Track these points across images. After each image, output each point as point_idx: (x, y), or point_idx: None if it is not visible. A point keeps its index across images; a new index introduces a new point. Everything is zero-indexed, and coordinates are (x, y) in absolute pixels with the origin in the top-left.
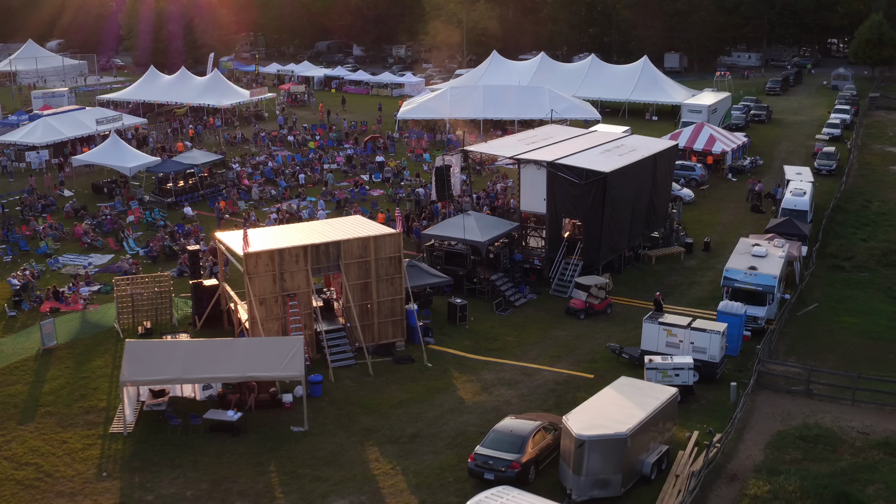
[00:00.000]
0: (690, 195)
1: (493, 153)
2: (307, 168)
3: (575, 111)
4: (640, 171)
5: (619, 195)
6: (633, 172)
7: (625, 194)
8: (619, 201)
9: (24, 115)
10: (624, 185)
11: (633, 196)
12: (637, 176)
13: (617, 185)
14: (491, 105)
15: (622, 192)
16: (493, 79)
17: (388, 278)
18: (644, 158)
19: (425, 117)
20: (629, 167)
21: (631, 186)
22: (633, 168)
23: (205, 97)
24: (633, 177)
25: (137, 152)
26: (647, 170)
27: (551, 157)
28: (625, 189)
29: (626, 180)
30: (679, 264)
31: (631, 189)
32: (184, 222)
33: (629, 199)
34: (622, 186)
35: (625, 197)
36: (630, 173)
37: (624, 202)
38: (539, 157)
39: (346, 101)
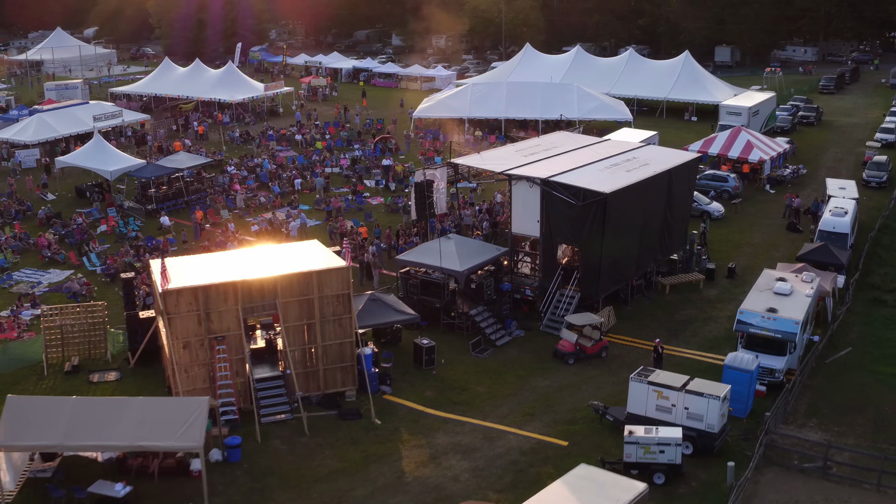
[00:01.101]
0: (720, 210)
1: (482, 167)
2: (308, 171)
3: (604, 111)
4: (652, 189)
5: (624, 218)
6: (643, 191)
7: (631, 217)
8: (623, 225)
9: (25, 109)
10: (630, 206)
11: (643, 218)
12: (648, 194)
13: (620, 206)
14: (514, 103)
15: (627, 214)
16: (524, 74)
17: (336, 319)
18: (657, 174)
19: (443, 116)
20: (637, 185)
21: (639, 207)
22: (643, 186)
23: (217, 91)
24: (643, 196)
25: (122, 154)
26: (660, 187)
27: (547, 172)
28: (631, 211)
29: (632, 200)
30: (697, 294)
31: (639, 210)
32: (160, 233)
33: (637, 221)
34: (627, 208)
35: (631, 220)
36: (638, 192)
37: (630, 226)
38: (533, 172)
39: (370, 96)
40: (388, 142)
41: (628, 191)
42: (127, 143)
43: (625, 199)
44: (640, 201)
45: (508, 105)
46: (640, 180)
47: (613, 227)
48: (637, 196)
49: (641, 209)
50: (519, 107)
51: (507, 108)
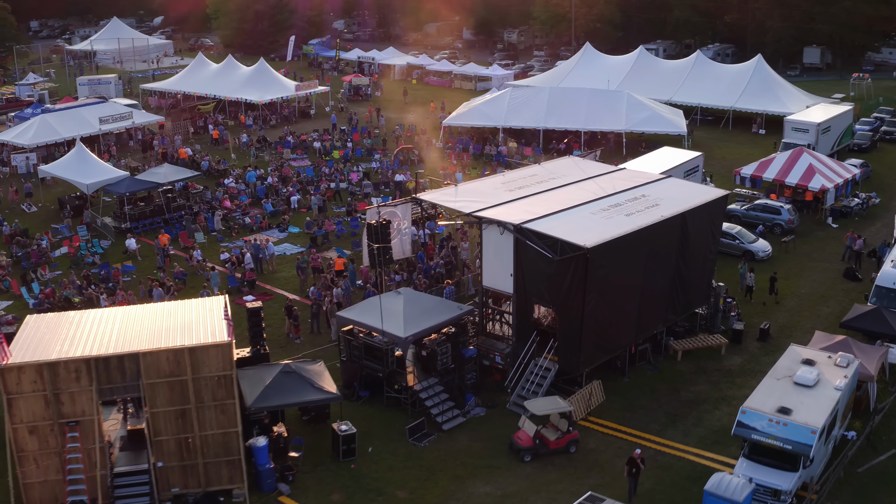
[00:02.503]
0: (766, 250)
1: (448, 205)
2: (312, 186)
3: (655, 123)
4: (659, 237)
5: (615, 275)
6: (645, 240)
7: (626, 272)
8: (613, 284)
9: (39, 107)
10: (625, 260)
11: (644, 272)
12: (653, 243)
13: (609, 262)
14: (555, 112)
15: (621, 270)
16: (581, 76)
17: (217, 404)
18: (666, 219)
19: (476, 124)
20: (635, 235)
21: (639, 260)
22: (644, 234)
23: (245, 91)
24: (645, 245)
25: (104, 165)
26: (671, 233)
27: (526, 215)
28: (626, 265)
29: (628, 253)
30: (715, 363)
31: (639, 263)
32: (125, 258)
33: (635, 277)
34: (621, 262)
35: (626, 276)
36: (638, 242)
37: (624, 284)
38: (508, 214)
39: (416, 96)
40: (409, 153)
41: (621, 242)
42: (136, 148)
43: (616, 253)
44: (641, 253)
45: (549, 114)
46: (639, 228)
47: (599, 287)
48: (636, 247)
49: (642, 262)
50: (560, 116)
51: (546, 118)
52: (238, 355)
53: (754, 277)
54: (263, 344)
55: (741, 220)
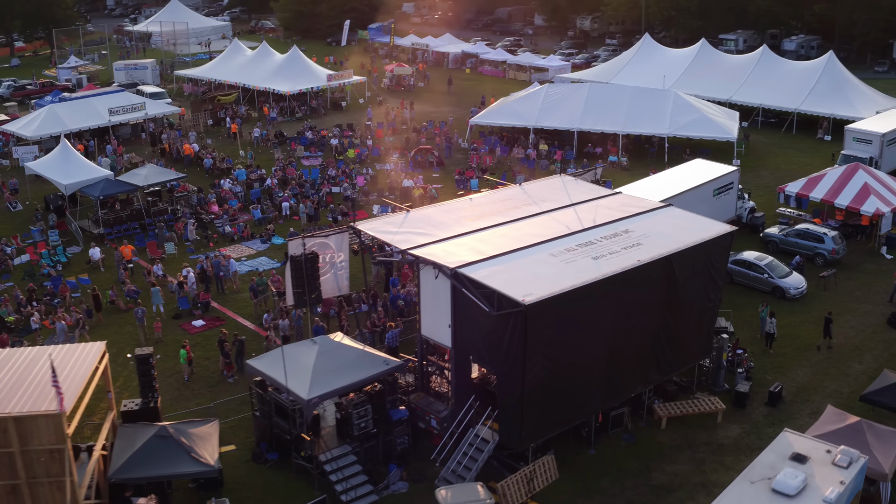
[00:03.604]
0: (799, 287)
1: (386, 237)
2: (314, 190)
3: (701, 127)
4: (632, 286)
5: (566, 335)
6: (610, 291)
7: (584, 331)
8: (565, 345)
9: (58, 94)
10: (581, 316)
11: (613, 329)
12: (622, 295)
13: (557, 320)
14: (593, 112)
15: (575, 328)
16: (635, 70)
17: (52, 481)
18: (644, 265)
19: (505, 123)
20: (597, 286)
21: (603, 315)
22: (609, 285)
23: (274, 80)
24: (611, 298)
25: (87, 164)
26: (650, 281)
27: (470, 255)
28: (584, 323)
29: (587, 308)
30: (707, 434)
31: (603, 319)
32: (89, 269)
33: (598, 336)
34: (575, 320)
35: (584, 335)
36: (600, 294)
37: (582, 345)
38: (451, 253)
39: (465, 87)
40: (428, 154)
41: (577, 295)
42: (147, 142)
43: (569, 308)
44: (607, 305)
45: (586, 114)
46: (603, 277)
47: (546, 349)
48: (599, 298)
49: (609, 316)
50: (598, 117)
51: (582, 118)
52: (126, 406)
53: (776, 323)
54: (154, 396)
55: (778, 246)
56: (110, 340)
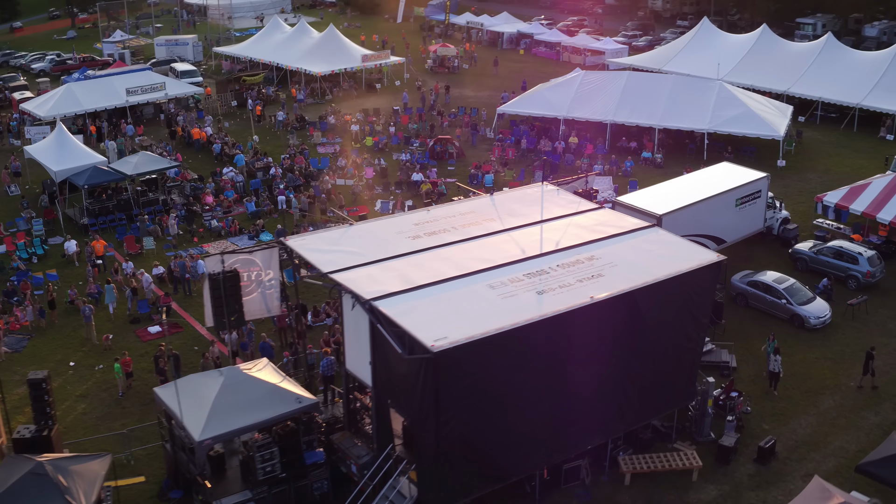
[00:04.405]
0: (823, 316)
1: (310, 257)
2: (315, 182)
3: (745, 123)
4: (582, 327)
5: (494, 384)
6: (552, 333)
7: (517, 379)
8: (492, 395)
9: (85, 70)
10: (513, 361)
11: (556, 376)
12: (567, 337)
13: (479, 367)
14: (629, 103)
15: (505, 376)
16: (690, 56)
17: None
18: (598, 302)
19: (534, 113)
20: (533, 328)
21: (543, 359)
22: (549, 327)
23: (307, 60)
24: (554, 340)
25: (83, 150)
26: (608, 320)
27: (397, 283)
28: (517, 369)
29: (521, 352)
30: (676, 495)
31: (542, 365)
32: (65, 263)
33: (538, 384)
34: (506, 366)
35: (517, 383)
36: (539, 336)
37: (515, 393)
38: (378, 278)
39: (513, 69)
40: (448, 144)
41: (502, 340)
42: (164, 123)
43: (492, 354)
44: (548, 349)
45: (621, 105)
46: (539, 319)
47: (466, 400)
48: (535, 342)
49: (553, 361)
50: (634, 108)
51: (617, 110)
52: (19, 433)
53: (781, 361)
54: (50, 424)
55: (807, 264)
56: (57, 345)
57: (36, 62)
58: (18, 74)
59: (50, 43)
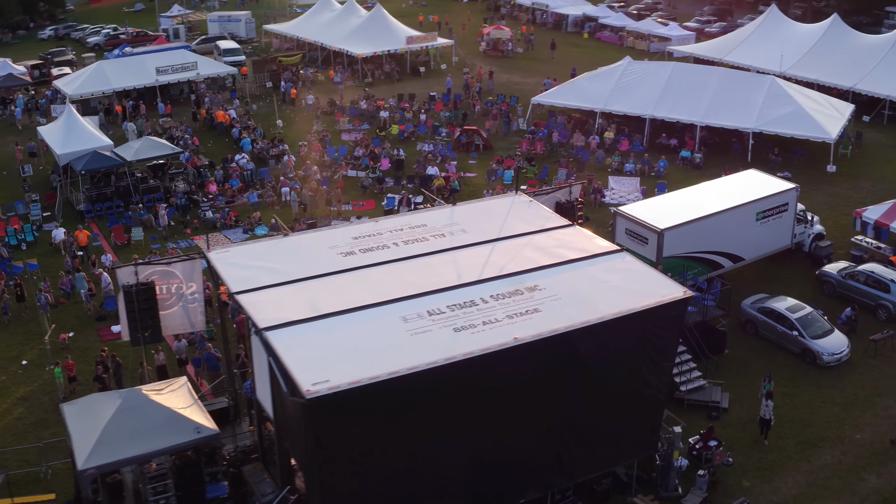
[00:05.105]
0: (839, 352)
1: (226, 271)
2: (330, 171)
3: (794, 123)
4: (505, 370)
5: (386, 436)
6: (464, 378)
7: (416, 431)
8: (387, 448)
9: (125, 47)
10: (413, 411)
11: (472, 426)
12: (490, 381)
13: (367, 416)
14: (670, 97)
15: (404, 427)
16: (754, 46)
17: None
18: (524, 344)
19: (570, 104)
20: (437, 372)
21: (457, 407)
22: (459, 370)
23: (351, 41)
24: (473, 385)
25: (90, 133)
26: (538, 364)
27: (300, 310)
28: (420, 419)
29: (425, 401)
30: None
31: (455, 414)
32: (52, 251)
33: (448, 436)
34: (403, 416)
35: (420, 436)
36: (448, 380)
37: (420, 446)
38: (286, 301)
39: (571, 54)
40: (475, 136)
41: (400, 385)
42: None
43: (389, 400)
44: (461, 395)
45: (663, 98)
46: (446, 362)
47: (351, 452)
48: (444, 388)
49: (468, 408)
50: (675, 103)
51: (658, 104)
52: None
53: (772, 408)
54: None
55: (835, 289)
56: (16, 340)
57: (93, 36)
58: (70, 49)
59: (118, 16)
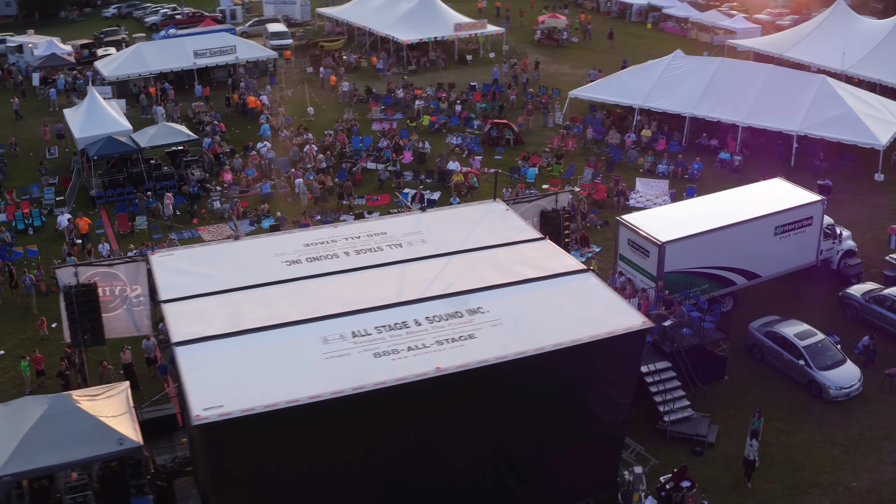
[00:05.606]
0: (850, 386)
1: (160, 277)
2: (349, 162)
3: (841, 127)
4: (427, 402)
5: (289, 468)
6: (379, 408)
7: (324, 463)
8: (291, 481)
9: (172, 28)
10: (320, 442)
11: (391, 460)
12: (410, 412)
13: (265, 446)
14: (714, 94)
15: (310, 458)
16: (817, 42)
17: None
18: (447, 375)
19: (608, 100)
20: (345, 401)
21: (373, 438)
22: (372, 400)
23: (398, 27)
24: (388, 415)
25: (110, 117)
26: (464, 395)
27: (219, 325)
28: (329, 451)
29: (334, 432)
30: None
31: (371, 446)
32: (61, 235)
33: (363, 470)
34: (308, 447)
35: (329, 468)
36: (358, 410)
37: (330, 479)
38: (199, 315)
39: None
40: (506, 130)
41: (303, 413)
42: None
43: (291, 430)
44: (376, 426)
45: (705, 96)
46: (354, 392)
47: (248, 483)
48: (355, 417)
49: (385, 440)
50: (719, 101)
51: (699, 102)
52: None
53: (757, 448)
54: None
55: (858, 313)
56: (1, 328)
57: (151, 16)
58: (123, 28)
59: None
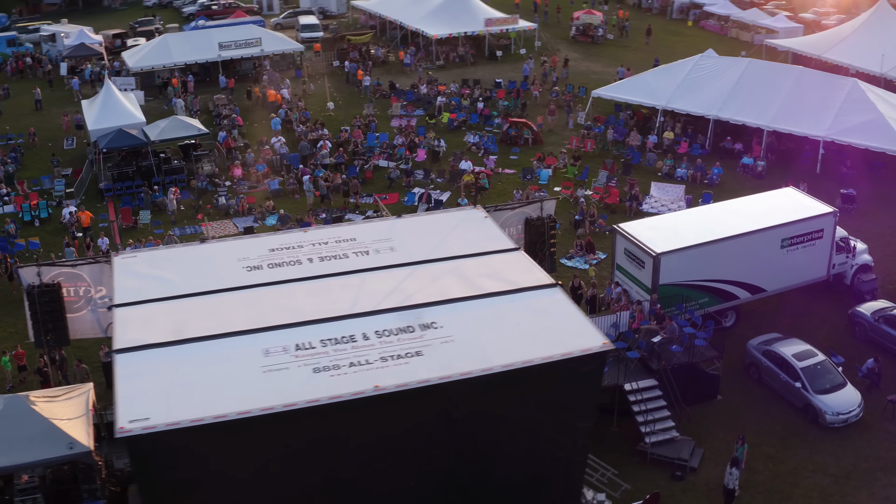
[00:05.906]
0: (848, 411)
1: (119, 280)
2: (361, 160)
3: (870, 133)
4: (367, 422)
5: (215, 485)
6: (312, 424)
7: (256, 480)
8: (220, 499)
9: (203, 18)
10: (251, 458)
11: (329, 482)
12: (350, 431)
13: (190, 461)
14: (739, 96)
15: (239, 474)
16: (857, 43)
17: None
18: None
19: (631, 100)
20: (277, 418)
21: (310, 457)
22: (305, 416)
23: (428, 21)
24: (325, 434)
25: (125, 109)
26: (407, 418)
27: (164, 332)
28: (259, 468)
29: (265, 447)
30: None
31: (307, 465)
32: (65, 228)
33: (298, 490)
34: (235, 462)
35: (261, 487)
36: (291, 426)
37: (266, 498)
38: (145, 323)
39: (669, 43)
40: (524, 129)
41: (221, 430)
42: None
43: (217, 445)
44: (312, 444)
45: (730, 99)
46: (287, 409)
47: (176, 495)
48: (288, 434)
49: (322, 460)
50: (744, 104)
51: (724, 104)
52: None
53: (738, 477)
54: None
55: (866, 333)
56: None
57: (189, 5)
58: (158, 18)
59: None
